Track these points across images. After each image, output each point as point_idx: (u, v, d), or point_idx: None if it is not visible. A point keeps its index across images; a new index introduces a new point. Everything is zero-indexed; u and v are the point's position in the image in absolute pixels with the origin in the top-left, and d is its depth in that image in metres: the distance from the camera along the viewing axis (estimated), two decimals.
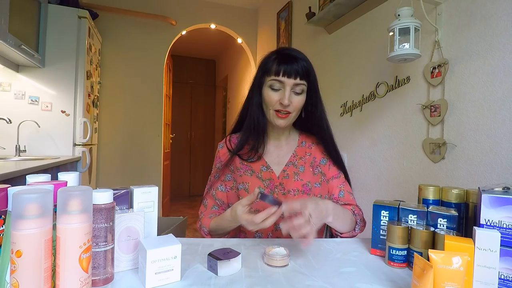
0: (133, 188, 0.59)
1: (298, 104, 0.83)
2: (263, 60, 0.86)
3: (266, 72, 0.83)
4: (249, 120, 0.88)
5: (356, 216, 0.83)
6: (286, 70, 0.79)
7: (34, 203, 0.40)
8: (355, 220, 0.83)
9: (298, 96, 0.82)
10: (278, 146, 0.94)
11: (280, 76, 0.80)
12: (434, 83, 1.34)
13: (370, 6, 1.76)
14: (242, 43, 3.68)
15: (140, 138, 3.20)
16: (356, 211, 0.86)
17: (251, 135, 0.88)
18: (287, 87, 0.80)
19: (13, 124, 1.94)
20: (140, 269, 0.52)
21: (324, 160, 0.93)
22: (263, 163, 0.91)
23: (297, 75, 0.80)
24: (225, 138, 0.99)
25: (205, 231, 0.86)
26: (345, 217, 0.78)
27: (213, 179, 0.95)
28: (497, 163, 1.10)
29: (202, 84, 5.53)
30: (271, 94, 0.82)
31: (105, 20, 2.96)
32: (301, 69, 0.80)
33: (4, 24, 1.58)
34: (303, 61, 0.81)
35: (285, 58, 0.81)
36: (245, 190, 0.88)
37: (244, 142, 0.89)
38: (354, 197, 0.92)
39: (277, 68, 0.80)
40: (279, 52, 0.84)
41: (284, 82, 0.80)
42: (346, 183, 0.93)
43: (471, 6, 1.20)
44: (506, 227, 0.51)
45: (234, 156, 0.91)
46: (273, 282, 0.53)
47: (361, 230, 0.84)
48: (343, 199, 0.90)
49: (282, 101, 0.80)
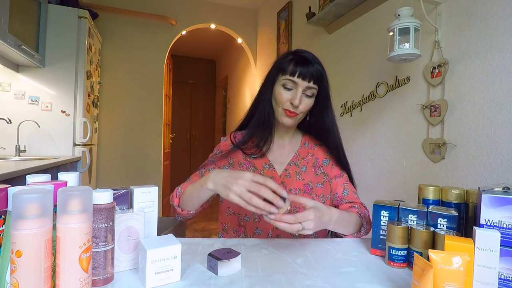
0: (133, 188, 0.59)
1: (306, 106, 0.85)
2: (279, 59, 0.88)
3: (281, 71, 0.85)
4: (258, 115, 0.89)
5: (363, 219, 0.83)
6: (302, 72, 0.81)
7: (34, 203, 0.40)
8: (361, 223, 0.82)
9: (308, 99, 0.84)
10: (281, 145, 0.95)
11: (295, 77, 0.81)
12: (434, 83, 1.34)
13: (370, 6, 1.76)
14: (242, 43, 3.68)
15: (140, 138, 3.20)
16: (362, 213, 0.85)
17: (258, 131, 0.89)
18: (299, 88, 0.82)
19: (13, 124, 1.94)
20: (140, 269, 0.52)
21: (326, 161, 0.94)
22: (266, 161, 0.92)
23: (311, 79, 0.82)
24: (230, 134, 0.99)
25: (178, 191, 0.81)
26: (349, 223, 0.78)
27: (206, 162, 0.94)
28: (497, 163, 1.10)
29: (202, 84, 5.53)
30: (283, 93, 0.84)
31: (105, 20, 2.96)
32: (315, 73, 0.82)
33: (4, 24, 1.58)
34: (318, 65, 0.83)
35: (301, 60, 0.82)
36: None
37: (250, 137, 0.90)
38: (358, 196, 0.92)
39: (293, 69, 0.82)
40: (296, 53, 0.86)
41: (298, 83, 0.82)
42: (349, 183, 0.93)
43: (471, 6, 1.20)
44: (506, 227, 0.51)
45: (237, 150, 0.91)
46: (273, 282, 0.53)
47: (366, 232, 0.83)
48: (348, 197, 0.90)
49: (293, 101, 0.82)
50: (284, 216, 0.60)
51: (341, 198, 0.90)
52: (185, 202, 0.79)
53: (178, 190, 0.82)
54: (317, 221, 0.64)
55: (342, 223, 0.74)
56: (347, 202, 0.89)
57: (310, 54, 0.85)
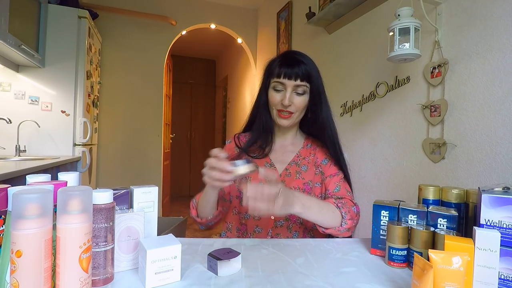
0: (133, 188, 0.59)
1: (300, 104, 0.86)
2: (269, 63, 0.92)
3: (270, 74, 0.89)
4: (258, 121, 0.93)
5: (341, 210, 0.78)
6: (287, 72, 0.84)
7: (34, 203, 0.40)
8: (340, 214, 0.77)
9: (300, 97, 0.86)
10: (284, 146, 0.96)
11: (281, 78, 0.85)
12: (434, 83, 1.34)
13: (370, 6, 1.76)
14: (242, 43, 3.68)
15: (140, 138, 3.20)
16: (341, 205, 0.79)
17: (260, 137, 0.93)
18: (288, 88, 0.85)
19: (13, 124, 1.94)
20: (140, 269, 0.52)
21: (325, 160, 0.94)
22: (267, 160, 0.94)
23: (297, 77, 0.84)
24: (234, 136, 1.01)
25: (194, 203, 0.87)
26: (322, 210, 0.75)
27: None
28: (497, 163, 1.10)
29: (202, 84, 5.53)
30: (274, 95, 0.87)
31: (105, 20, 2.96)
32: (301, 72, 0.84)
33: (4, 24, 1.58)
34: (305, 64, 0.85)
35: (287, 61, 0.86)
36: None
37: (254, 142, 0.93)
38: (352, 195, 0.89)
39: (278, 71, 0.85)
40: (283, 55, 0.90)
41: (285, 83, 0.85)
42: (344, 182, 0.90)
43: (471, 6, 1.20)
44: (506, 227, 0.51)
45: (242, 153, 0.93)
46: (273, 282, 0.53)
47: (349, 225, 0.77)
48: (338, 193, 0.86)
49: (283, 101, 0.85)
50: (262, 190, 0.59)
51: (332, 194, 0.87)
52: (201, 210, 0.84)
53: (193, 202, 0.88)
54: (284, 191, 0.62)
55: (313, 205, 0.72)
56: (336, 198, 0.85)
57: (297, 54, 0.88)
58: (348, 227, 0.78)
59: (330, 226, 0.77)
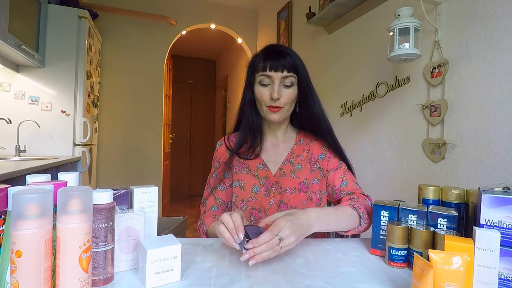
0: (133, 188, 0.59)
1: (289, 96, 0.84)
2: (251, 60, 0.89)
3: (254, 70, 0.86)
4: (245, 120, 0.90)
5: (358, 210, 0.77)
6: (273, 65, 0.81)
7: (34, 203, 0.40)
8: (357, 215, 0.77)
9: (289, 89, 0.84)
10: (275, 144, 0.94)
11: (267, 71, 0.82)
12: (434, 83, 1.34)
13: (370, 6, 1.76)
14: (242, 43, 3.68)
15: (140, 138, 3.20)
16: (357, 204, 0.78)
17: (249, 135, 0.90)
18: (275, 81, 0.82)
19: (13, 124, 1.94)
20: (140, 269, 0.52)
21: (322, 155, 0.91)
22: (259, 161, 0.91)
23: (284, 68, 0.81)
24: (224, 137, 0.99)
25: (204, 230, 0.85)
26: (340, 218, 0.73)
27: (212, 179, 0.95)
28: (497, 163, 1.10)
29: (202, 84, 5.53)
30: (261, 90, 0.84)
31: (105, 20, 2.96)
32: (287, 63, 0.82)
33: (4, 24, 1.58)
34: (289, 55, 0.83)
35: (270, 54, 0.83)
36: (240, 187, 0.88)
37: (243, 142, 0.90)
38: (359, 186, 0.88)
39: (263, 64, 0.82)
40: (265, 49, 0.87)
41: (272, 76, 0.82)
42: (348, 173, 0.90)
43: (471, 6, 1.20)
44: (506, 227, 0.51)
45: (233, 155, 0.91)
46: (273, 282, 0.53)
47: (367, 223, 0.77)
48: (347, 189, 0.86)
49: (272, 95, 0.82)
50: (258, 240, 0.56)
51: (340, 191, 0.87)
52: (211, 236, 0.81)
53: (203, 229, 0.84)
54: (294, 226, 0.59)
55: (330, 219, 0.70)
56: (346, 194, 0.85)
57: (279, 46, 0.86)
58: (367, 224, 0.78)
59: (350, 229, 0.77)
